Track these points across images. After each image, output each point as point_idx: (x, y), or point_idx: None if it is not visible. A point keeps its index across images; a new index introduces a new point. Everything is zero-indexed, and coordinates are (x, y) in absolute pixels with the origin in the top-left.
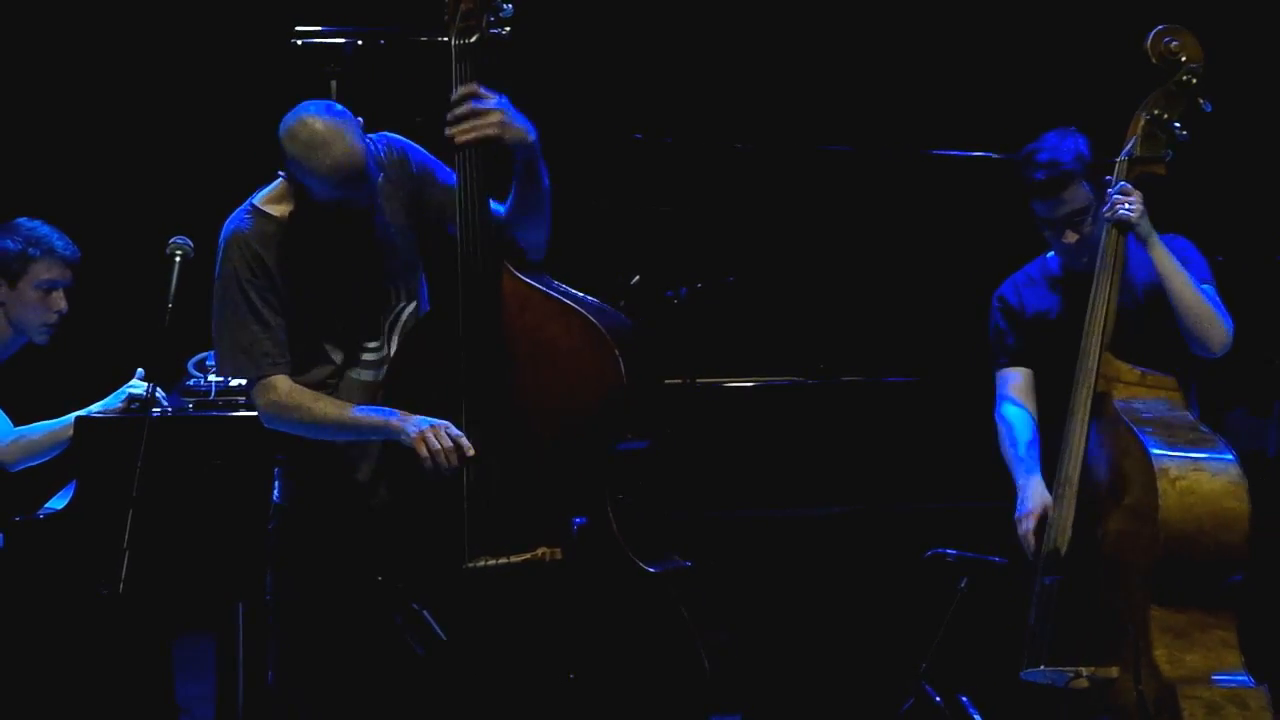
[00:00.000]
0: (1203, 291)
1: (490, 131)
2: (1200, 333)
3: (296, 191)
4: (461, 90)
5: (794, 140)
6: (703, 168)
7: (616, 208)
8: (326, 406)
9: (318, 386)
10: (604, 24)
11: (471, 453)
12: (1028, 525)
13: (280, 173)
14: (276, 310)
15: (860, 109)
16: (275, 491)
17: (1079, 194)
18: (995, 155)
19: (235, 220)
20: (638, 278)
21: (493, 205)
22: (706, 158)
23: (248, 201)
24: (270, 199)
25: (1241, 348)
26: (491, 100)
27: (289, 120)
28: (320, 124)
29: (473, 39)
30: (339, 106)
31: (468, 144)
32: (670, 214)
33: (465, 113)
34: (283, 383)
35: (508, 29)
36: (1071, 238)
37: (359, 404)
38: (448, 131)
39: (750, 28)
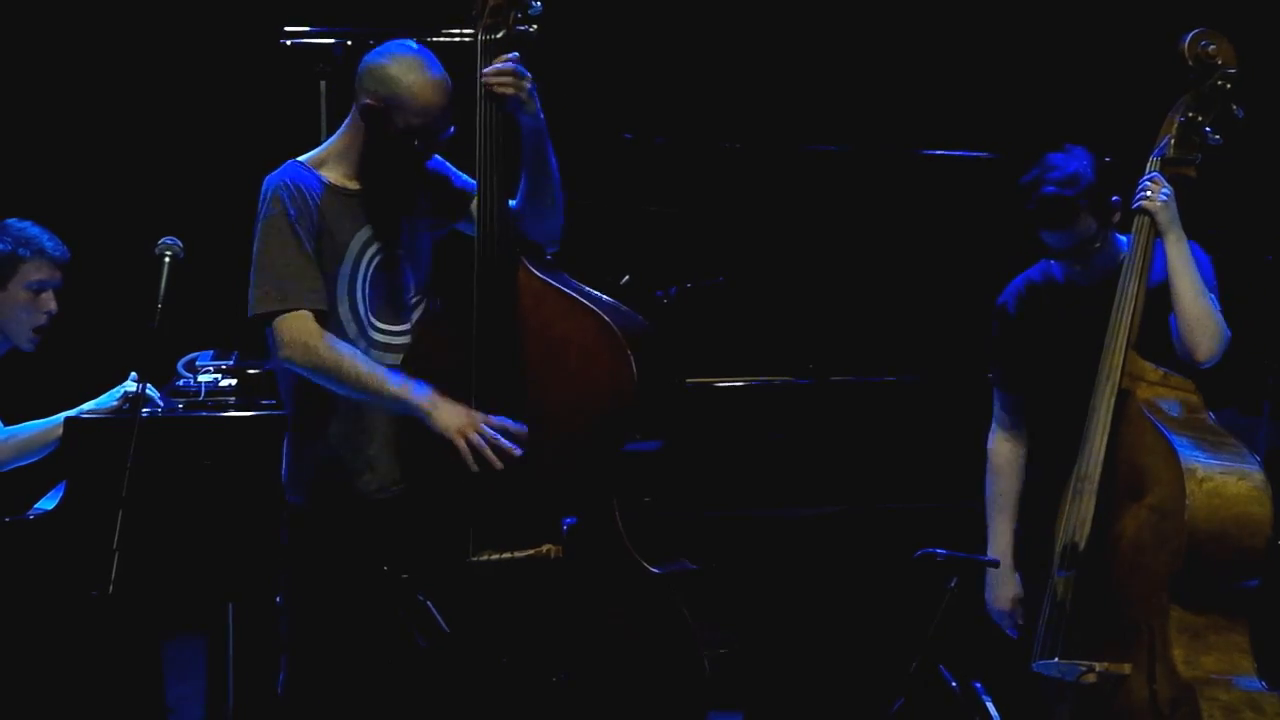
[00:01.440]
0: (1207, 297)
1: (522, 94)
2: (1192, 338)
3: (366, 130)
4: (506, 58)
5: (784, 140)
6: (693, 167)
7: (606, 207)
8: (355, 358)
9: None
10: (595, 23)
11: (519, 452)
12: (1002, 607)
13: (358, 105)
14: (318, 253)
15: (851, 108)
16: (290, 493)
17: (1087, 225)
18: (986, 155)
19: (281, 171)
20: (627, 277)
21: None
22: (697, 157)
23: (290, 160)
24: (315, 160)
25: (1232, 346)
26: (526, 75)
27: (383, 48)
28: (414, 53)
29: (499, 35)
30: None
31: (505, 96)
32: (660, 213)
33: (509, 68)
34: (313, 320)
35: (535, 26)
36: (1077, 266)
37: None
38: (486, 76)
39: (742, 27)
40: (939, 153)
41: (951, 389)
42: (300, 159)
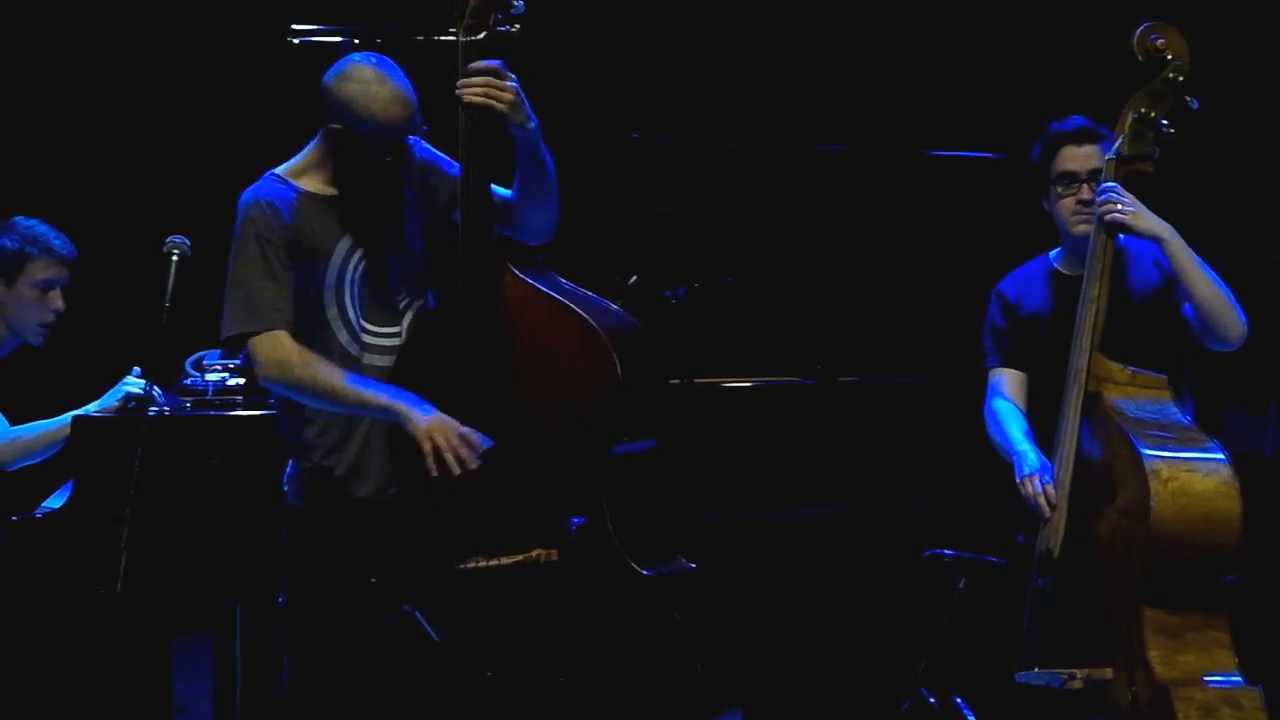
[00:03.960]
0: (1216, 280)
1: (501, 106)
2: (1219, 324)
3: (341, 152)
4: (483, 65)
5: (792, 140)
6: (700, 167)
7: (614, 207)
8: (331, 373)
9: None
10: (601, 23)
11: (476, 463)
12: (1036, 486)
13: (322, 129)
14: (288, 271)
15: (858, 109)
16: (289, 495)
17: (1103, 154)
18: (992, 156)
19: (255, 186)
20: (635, 278)
21: (498, 190)
22: (704, 157)
23: (266, 173)
24: (291, 171)
25: (1238, 347)
26: (510, 80)
27: (338, 68)
28: (371, 67)
29: (480, 36)
30: (380, 54)
31: (475, 105)
32: (668, 214)
33: (483, 70)
34: (286, 339)
35: (517, 26)
36: (1087, 194)
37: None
38: (460, 88)
39: (748, 27)
40: (946, 154)
41: (959, 390)
42: (276, 170)
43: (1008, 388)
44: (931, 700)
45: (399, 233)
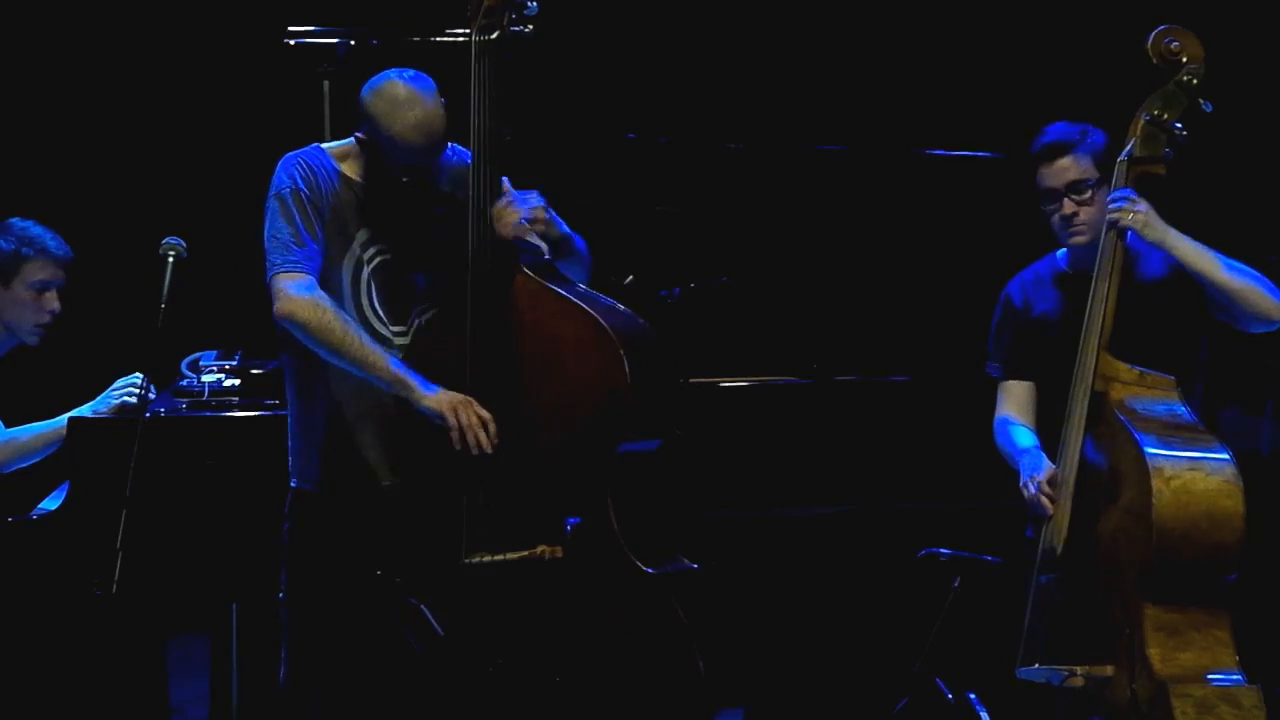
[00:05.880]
0: (1236, 268)
1: (551, 232)
2: (1254, 308)
3: (368, 158)
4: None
5: (788, 140)
6: (697, 167)
7: (610, 207)
8: (358, 330)
9: None
10: (599, 23)
11: (493, 448)
12: (1034, 488)
13: (354, 135)
14: (320, 230)
15: (855, 108)
16: (294, 479)
17: (1080, 163)
18: (990, 155)
19: (301, 151)
20: (632, 278)
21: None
22: (701, 157)
23: (313, 144)
24: (335, 152)
25: (1234, 347)
26: (534, 197)
27: (376, 81)
28: (404, 86)
29: (493, 36)
30: (425, 75)
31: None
32: (664, 214)
33: (539, 209)
34: (316, 284)
35: (530, 27)
36: (1070, 208)
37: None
38: (513, 229)
39: (746, 27)
40: (942, 153)
41: (956, 389)
42: (323, 145)
43: (1016, 399)
44: (949, 695)
45: (420, 244)
